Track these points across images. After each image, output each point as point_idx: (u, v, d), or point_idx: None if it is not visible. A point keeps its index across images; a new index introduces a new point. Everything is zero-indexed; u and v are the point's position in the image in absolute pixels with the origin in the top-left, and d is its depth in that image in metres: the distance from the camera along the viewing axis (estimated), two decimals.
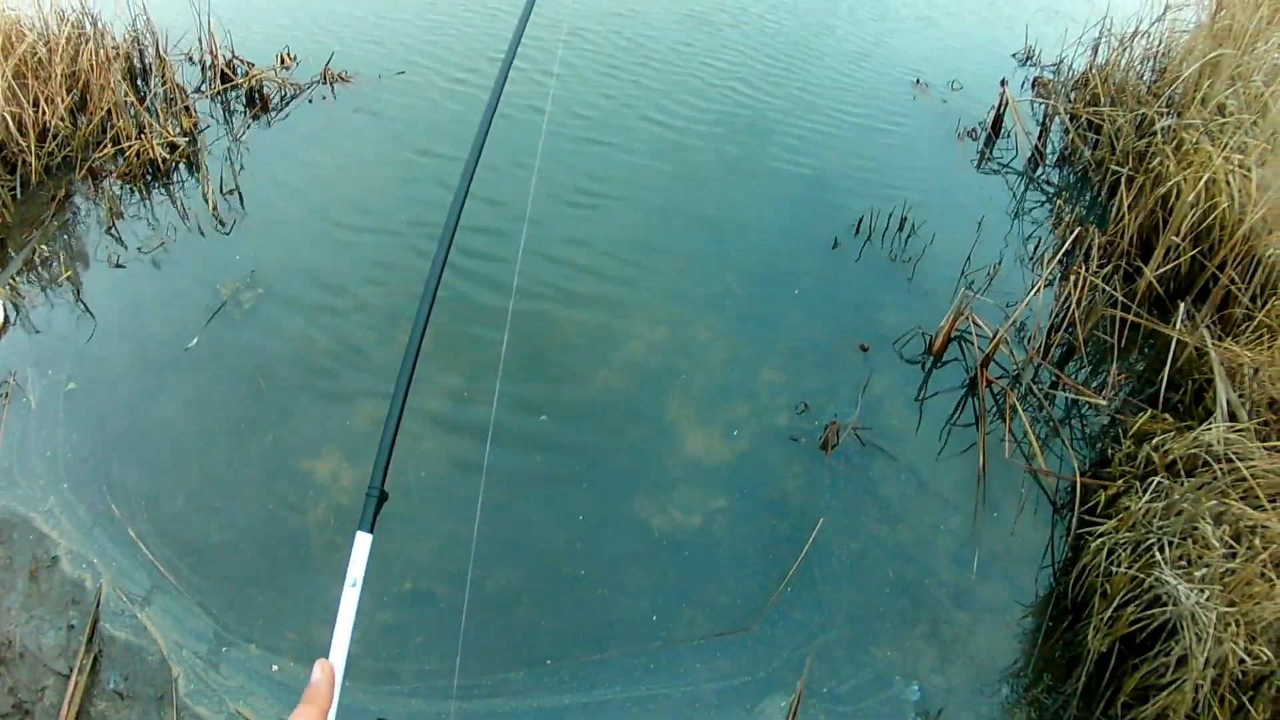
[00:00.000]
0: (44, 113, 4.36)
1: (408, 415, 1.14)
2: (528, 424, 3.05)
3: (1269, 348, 3.36)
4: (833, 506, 2.91)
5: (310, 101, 5.12)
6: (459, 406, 3.06)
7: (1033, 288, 3.62)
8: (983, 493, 3.03)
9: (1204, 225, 4.01)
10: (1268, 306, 3.63)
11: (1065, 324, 3.63)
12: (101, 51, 4.74)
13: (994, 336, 3.37)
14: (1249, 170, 3.96)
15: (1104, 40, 6.33)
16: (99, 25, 4.99)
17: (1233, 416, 3.08)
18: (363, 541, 0.99)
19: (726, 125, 5.15)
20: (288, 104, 5.09)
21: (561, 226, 4.04)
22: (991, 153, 5.41)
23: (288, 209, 4.18)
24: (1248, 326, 3.58)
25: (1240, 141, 4.33)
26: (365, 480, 2.61)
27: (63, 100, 4.46)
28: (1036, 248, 4.42)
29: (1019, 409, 3.23)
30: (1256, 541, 2.54)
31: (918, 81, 6.26)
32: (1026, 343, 3.58)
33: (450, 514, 2.75)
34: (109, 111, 4.59)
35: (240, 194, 4.23)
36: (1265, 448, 2.88)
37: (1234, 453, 2.86)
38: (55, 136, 4.39)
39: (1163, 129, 4.90)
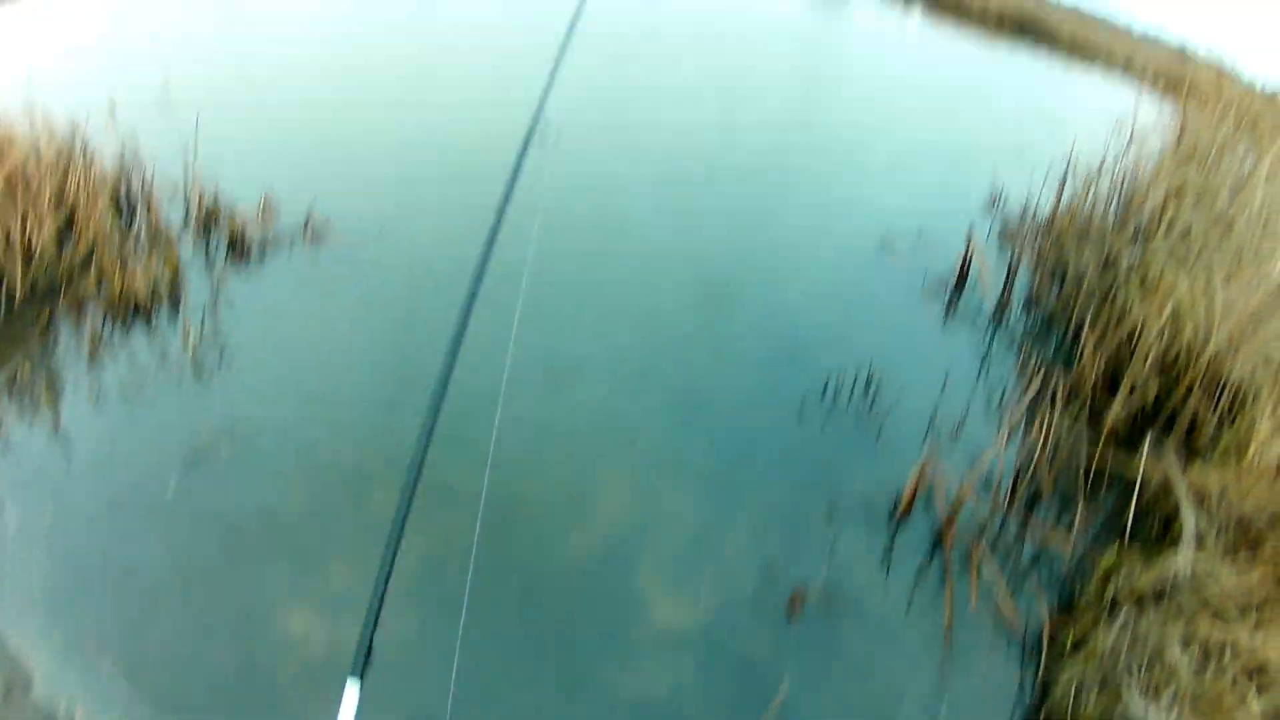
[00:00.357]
0: (31, 232, 4.92)
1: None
2: (500, 591, 3.41)
3: (1236, 466, 3.94)
4: (800, 668, 3.25)
5: (291, 254, 5.73)
6: (430, 574, 3.41)
7: (999, 437, 4.22)
8: (951, 645, 3.39)
9: (1170, 353, 4.71)
10: (1235, 425, 4.24)
11: (1032, 470, 4.16)
12: (90, 178, 5.42)
13: (959, 490, 3.91)
14: (1214, 292, 4.69)
15: (1070, 178, 7.38)
16: (88, 150, 5.72)
17: (1201, 539, 3.60)
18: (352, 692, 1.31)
19: (695, 293, 5.87)
20: (268, 253, 5.69)
21: (534, 395, 4.53)
22: (958, 304, 6.18)
23: (267, 363, 4.61)
24: (1216, 449, 4.17)
25: (1205, 263, 5.12)
26: (335, 637, 3.15)
27: (50, 222, 5.04)
28: (1003, 396, 5.05)
29: (986, 559, 3.69)
30: (1227, 657, 3.00)
31: (884, 238, 7.17)
32: (993, 492, 4.08)
33: (422, 685, 3.12)
34: (95, 242, 5.14)
35: (220, 342, 4.70)
36: (1233, 564, 3.39)
37: (1200, 575, 3.37)
38: (42, 257, 4.96)
39: (1128, 263, 5.72)
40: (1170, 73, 11.30)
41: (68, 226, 5.30)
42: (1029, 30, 33.32)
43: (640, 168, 8.01)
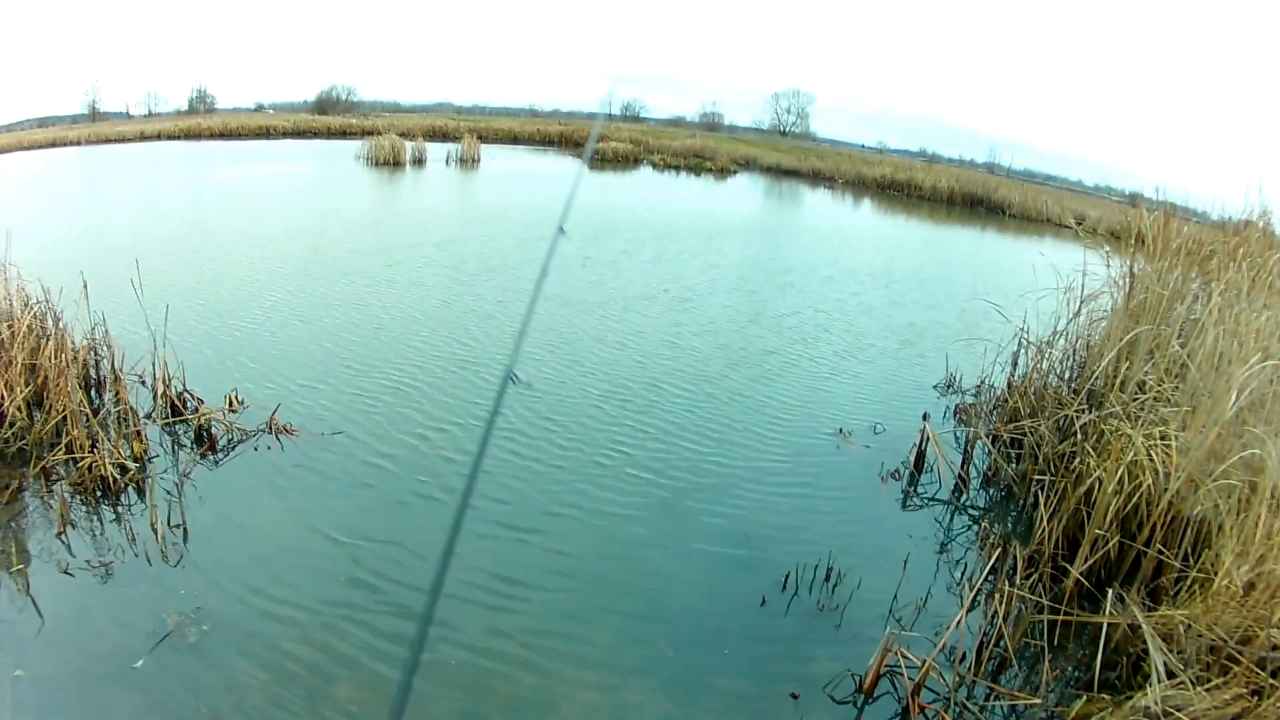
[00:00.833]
0: (2, 397, 5.78)
1: None
2: None
3: (1202, 599, 4.66)
4: None
5: (256, 449, 6.69)
6: None
7: (959, 613, 4.91)
8: None
9: (1129, 506, 5.52)
10: (1199, 561, 5.00)
11: (995, 639, 4.76)
12: (62, 353, 6.33)
13: (923, 664, 4.55)
14: (1170, 439, 5.57)
15: (1023, 351, 8.51)
16: (60, 325, 6.75)
17: (1172, 674, 4.26)
18: None
19: (652, 495, 6.59)
20: (234, 447, 6.68)
21: (490, 592, 5.16)
22: (916, 489, 7.00)
23: (232, 553, 5.29)
24: (1181, 588, 4.91)
25: (1160, 414, 6.04)
26: None
27: (21, 390, 5.93)
28: (963, 572, 5.74)
29: None
30: None
31: (840, 430, 8.15)
32: (957, 664, 4.69)
33: None
34: (65, 417, 6.01)
35: (186, 529, 5.47)
36: (1205, 689, 4.05)
37: (1173, 706, 4.01)
38: (12, 425, 5.81)
39: (1083, 426, 6.65)
40: (1122, 224, 12.90)
41: (38, 399, 6.26)
42: (980, 204, 36.83)
43: (593, 378, 9.15)
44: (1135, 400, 6.36)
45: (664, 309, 12.64)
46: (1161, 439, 5.50)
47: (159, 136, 39.68)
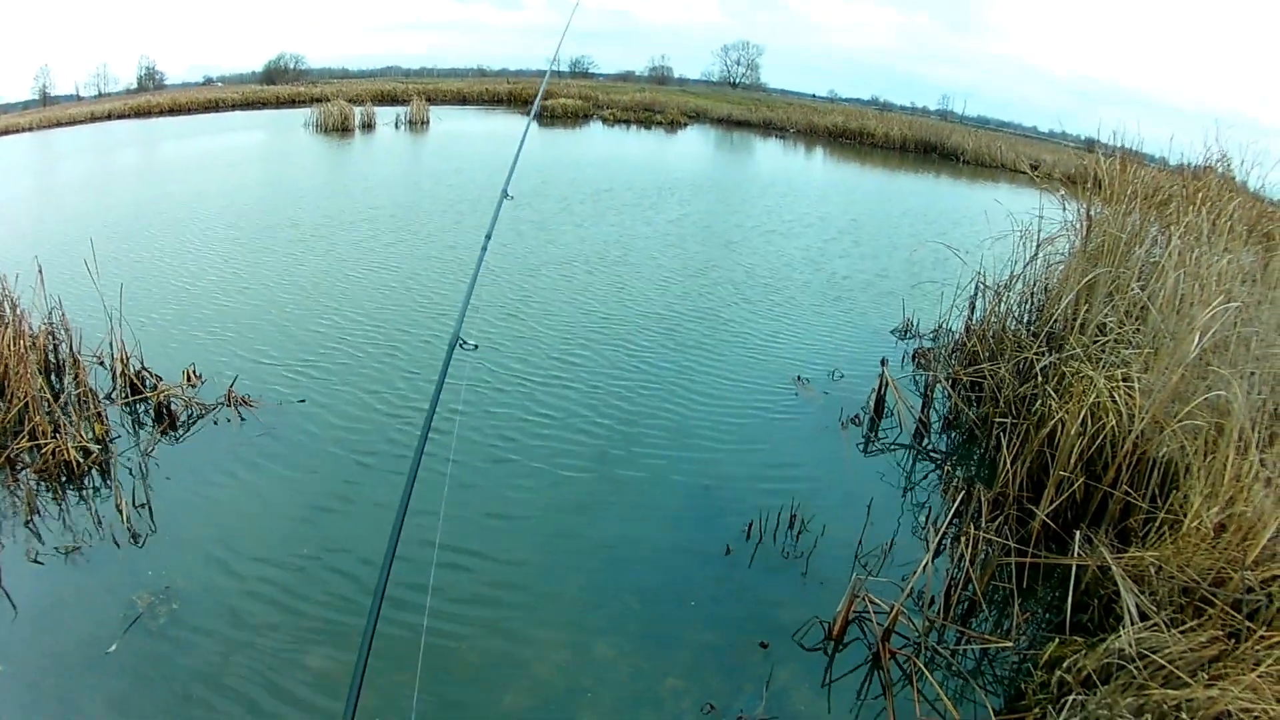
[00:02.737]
0: None
1: None
2: None
3: (1172, 541, 4.58)
4: None
5: (216, 423, 6.58)
6: None
7: (926, 557, 4.81)
8: None
9: (1093, 448, 5.44)
10: (1168, 502, 4.93)
11: (963, 582, 4.68)
12: (20, 340, 6.17)
13: (892, 610, 4.44)
14: (1133, 381, 5.49)
15: (980, 294, 8.41)
16: (17, 311, 6.59)
17: (1144, 616, 4.19)
18: None
19: (611, 451, 6.46)
20: (194, 422, 6.57)
21: (457, 554, 5.04)
22: (877, 434, 6.90)
23: (198, 530, 5.19)
24: (1150, 529, 4.83)
25: (1122, 356, 5.95)
26: None
27: None
28: (928, 516, 5.64)
29: (926, 672, 4.20)
30: (1184, 716, 3.52)
31: (798, 378, 8.03)
32: (926, 608, 4.58)
33: None
34: (26, 404, 5.89)
35: (151, 509, 5.34)
36: (1180, 632, 3.97)
37: (1147, 648, 3.93)
38: None
39: (1043, 369, 6.56)
40: (1078, 169, 12.92)
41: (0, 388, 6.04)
42: (933, 150, 36.84)
43: (552, 324, 9.18)
44: (1096, 342, 6.26)
45: (614, 265, 12.43)
46: (1124, 381, 5.41)
47: (109, 116, 38.57)
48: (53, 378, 6.96)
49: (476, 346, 3.30)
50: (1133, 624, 4.00)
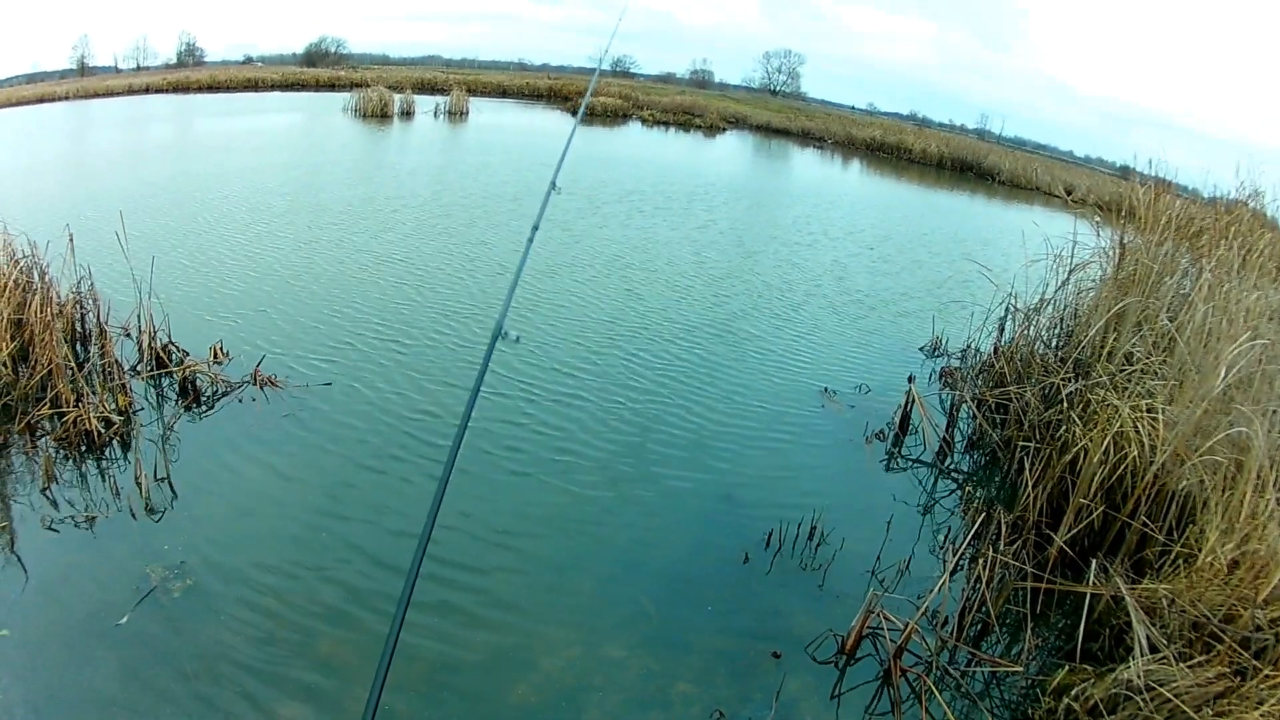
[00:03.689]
0: None
1: None
2: None
3: (1186, 574, 4.62)
4: None
5: (240, 401, 6.62)
6: None
7: (942, 577, 4.86)
8: None
9: (1114, 477, 5.47)
10: (1184, 536, 4.96)
11: (977, 604, 4.72)
12: (47, 308, 6.27)
13: (905, 628, 4.50)
14: (1157, 413, 5.51)
15: (1010, 317, 8.43)
16: (46, 279, 6.68)
17: (1154, 648, 4.23)
18: None
19: (636, 452, 6.53)
20: (219, 399, 6.62)
21: (472, 548, 5.12)
22: (901, 450, 6.94)
23: (216, 507, 5.22)
24: (1165, 561, 4.86)
25: (1147, 387, 5.98)
26: None
27: (6, 345, 5.93)
28: (946, 536, 5.69)
29: (935, 692, 4.25)
30: None
31: (826, 390, 8.09)
32: (939, 628, 4.63)
33: None
34: (50, 371, 6.01)
35: (171, 483, 5.38)
36: (1188, 666, 4.01)
37: (1155, 681, 3.97)
38: None
39: (1069, 395, 6.58)
40: (1112, 196, 12.89)
41: (23, 354, 6.21)
42: (970, 169, 36.73)
43: (578, 336, 9.10)
44: (1122, 371, 6.27)
45: (650, 268, 12.52)
46: (1148, 412, 5.42)
47: (147, 90, 38.86)
48: (78, 347, 7.06)
49: (519, 338, 3.33)
50: (1142, 655, 4.03)
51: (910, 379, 7.71)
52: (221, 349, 7.28)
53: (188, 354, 6.95)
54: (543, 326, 9.23)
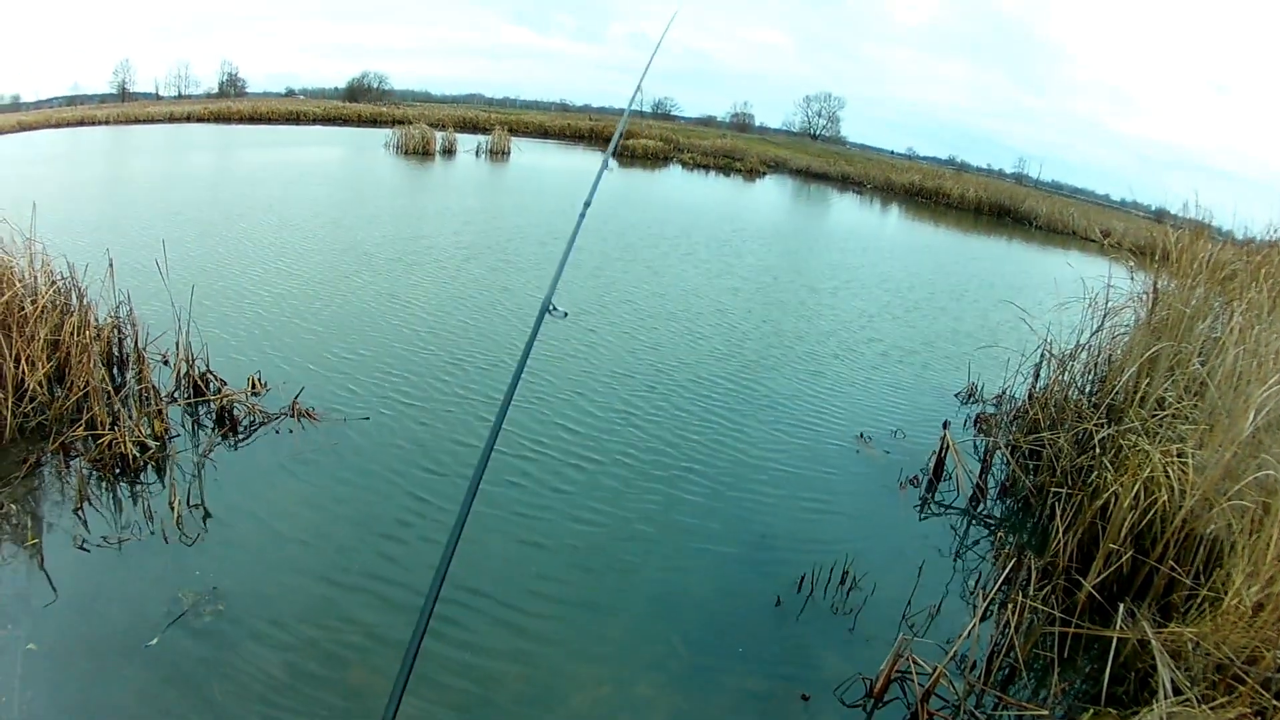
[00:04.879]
0: (24, 372, 5.93)
1: None
2: None
3: (1212, 618, 4.65)
4: None
5: (278, 432, 6.73)
6: None
7: (972, 621, 4.93)
8: None
9: (1144, 522, 5.51)
10: (1211, 580, 4.99)
11: (1006, 649, 4.78)
12: (85, 330, 6.47)
13: (934, 672, 4.57)
14: (1186, 457, 5.56)
15: (1045, 363, 8.49)
16: (84, 301, 6.88)
17: (1178, 690, 4.27)
18: None
19: (669, 493, 6.64)
20: (256, 429, 6.73)
21: (505, 584, 5.22)
22: (934, 496, 7.02)
23: (250, 535, 5.33)
24: (1191, 605, 4.90)
25: (1178, 431, 6.03)
26: None
27: (42, 365, 6.09)
28: (977, 581, 5.76)
29: None
30: None
31: (861, 435, 8.18)
32: (968, 672, 4.66)
33: None
34: (86, 393, 6.13)
35: (205, 509, 5.51)
36: (1210, 708, 4.06)
37: None
38: (32, 400, 5.97)
39: (1101, 440, 6.63)
40: (1148, 239, 12.89)
41: (59, 375, 6.38)
42: (1007, 214, 36.66)
43: (611, 375, 9.26)
44: (1154, 416, 6.32)
45: (686, 310, 12.67)
46: (1179, 456, 5.48)
47: (188, 118, 39.86)
48: (115, 371, 7.22)
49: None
50: (1166, 698, 4.08)
51: (945, 425, 7.79)
52: (260, 380, 7.46)
53: (225, 383, 7.12)
54: (577, 365, 9.40)
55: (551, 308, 3.37)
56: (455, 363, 8.95)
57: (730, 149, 48.56)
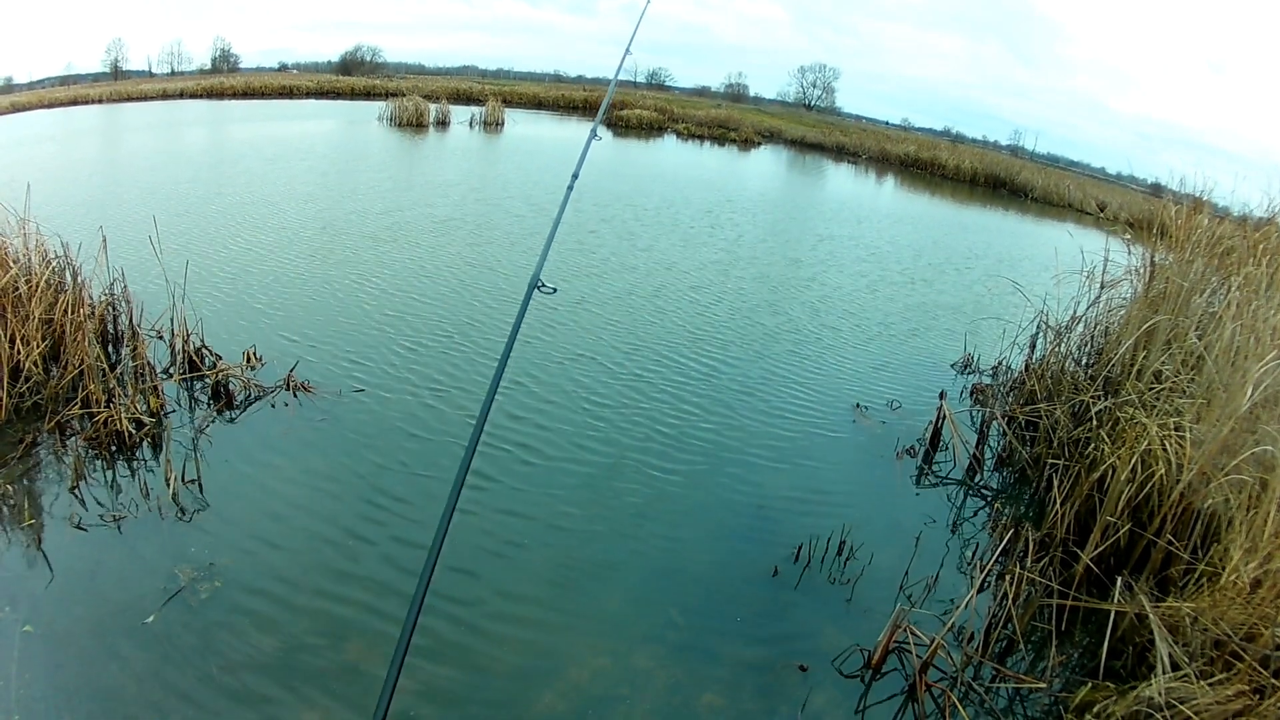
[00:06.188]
0: (19, 352, 5.89)
1: None
2: None
3: (1210, 593, 4.63)
4: None
5: (273, 406, 6.72)
6: None
7: (970, 593, 4.89)
8: None
9: (1141, 495, 5.48)
10: (1208, 555, 4.97)
11: (1004, 620, 4.75)
12: (79, 308, 6.43)
13: (932, 643, 4.54)
14: (1184, 431, 5.51)
15: (1041, 334, 8.44)
16: (78, 280, 6.79)
17: (1176, 666, 4.25)
18: None
19: (667, 463, 6.61)
20: (251, 404, 6.72)
21: (501, 556, 5.21)
22: (931, 467, 6.99)
23: (246, 510, 5.31)
24: (1189, 580, 4.87)
25: (1175, 405, 5.98)
26: None
27: (37, 345, 6.05)
28: (975, 553, 5.73)
29: (960, 707, 4.27)
30: None
31: (857, 406, 8.14)
32: (965, 644, 4.65)
33: None
34: (81, 371, 6.13)
35: (201, 485, 5.47)
36: (1209, 684, 4.03)
37: (1176, 699, 4.00)
38: (28, 379, 5.92)
39: (1098, 413, 6.59)
40: (1144, 213, 12.84)
41: (54, 353, 6.33)
42: (1002, 186, 36.56)
43: (608, 346, 9.21)
44: (1151, 389, 6.27)
45: (681, 283, 12.57)
46: (1176, 430, 5.44)
47: (181, 95, 39.43)
48: (110, 348, 7.17)
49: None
50: (1164, 673, 4.06)
51: (942, 395, 7.74)
52: (255, 354, 7.39)
53: (220, 358, 7.05)
54: (574, 336, 9.36)
55: (540, 284, 3.32)
56: (450, 338, 8.88)
57: (725, 119, 48.15)
